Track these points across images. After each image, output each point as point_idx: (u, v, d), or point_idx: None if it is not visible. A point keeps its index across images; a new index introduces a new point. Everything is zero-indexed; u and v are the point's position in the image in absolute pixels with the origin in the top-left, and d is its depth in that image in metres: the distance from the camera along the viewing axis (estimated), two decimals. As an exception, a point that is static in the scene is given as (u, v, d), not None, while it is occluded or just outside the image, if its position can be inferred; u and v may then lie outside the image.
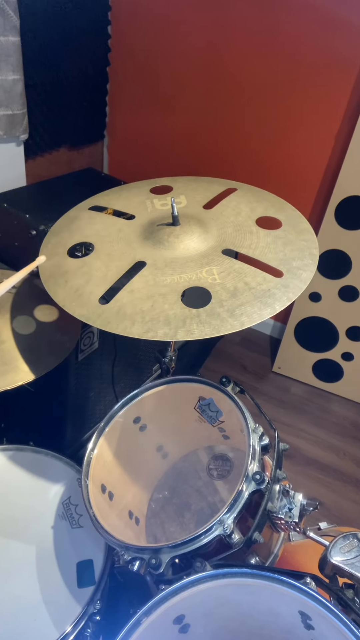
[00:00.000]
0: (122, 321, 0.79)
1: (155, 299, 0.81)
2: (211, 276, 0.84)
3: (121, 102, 2.13)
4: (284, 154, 1.89)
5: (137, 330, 0.77)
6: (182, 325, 0.76)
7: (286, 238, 0.94)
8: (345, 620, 0.56)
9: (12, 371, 0.95)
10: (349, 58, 1.63)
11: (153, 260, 0.88)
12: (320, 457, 1.80)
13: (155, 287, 0.83)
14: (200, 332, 0.75)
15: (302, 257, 0.90)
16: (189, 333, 0.75)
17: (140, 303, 0.81)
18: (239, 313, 0.77)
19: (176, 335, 0.75)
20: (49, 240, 0.99)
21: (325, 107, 1.74)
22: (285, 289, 0.82)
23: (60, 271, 0.90)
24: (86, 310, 0.82)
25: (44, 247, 0.98)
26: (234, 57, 1.82)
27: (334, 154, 1.80)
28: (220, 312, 0.78)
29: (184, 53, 1.90)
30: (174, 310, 0.79)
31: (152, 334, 0.76)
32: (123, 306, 0.81)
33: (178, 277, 0.84)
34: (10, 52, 1.42)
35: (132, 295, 0.82)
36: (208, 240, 0.91)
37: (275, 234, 0.95)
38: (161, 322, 0.77)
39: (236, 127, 1.94)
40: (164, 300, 0.81)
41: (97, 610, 0.76)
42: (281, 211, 1.01)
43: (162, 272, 0.86)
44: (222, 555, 0.72)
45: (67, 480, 0.95)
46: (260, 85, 1.81)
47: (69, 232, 0.99)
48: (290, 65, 1.73)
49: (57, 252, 0.95)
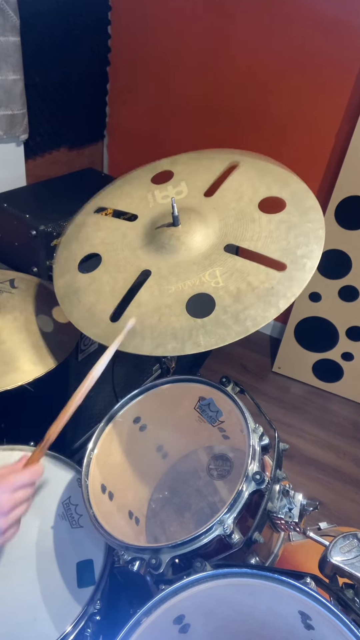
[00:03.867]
0: (133, 339, 0.82)
1: (162, 312, 0.83)
2: (214, 279, 0.84)
3: (121, 102, 2.13)
4: (284, 154, 1.89)
5: (148, 347, 0.80)
6: (188, 338, 0.78)
7: (290, 222, 0.89)
8: (345, 620, 0.56)
9: (12, 371, 0.95)
10: (349, 58, 1.63)
11: (157, 267, 0.90)
12: (320, 457, 1.80)
13: (161, 297, 0.85)
14: (206, 343, 0.77)
15: (306, 243, 0.85)
16: (196, 346, 0.77)
17: (148, 318, 0.83)
18: (243, 318, 0.78)
19: (184, 349, 0.77)
20: (61, 255, 1.02)
21: (325, 107, 1.74)
22: (289, 282, 0.81)
23: (73, 289, 0.94)
24: (98, 329, 0.86)
25: (57, 264, 1.00)
26: (234, 57, 1.82)
27: (334, 154, 1.80)
28: (224, 319, 0.78)
29: (184, 53, 1.91)
30: (180, 322, 0.81)
31: (162, 349, 0.79)
32: None
33: (182, 285, 0.86)
34: (10, 52, 1.42)
35: (139, 310, 0.85)
36: (210, 236, 0.91)
37: (278, 218, 0.90)
38: (169, 336, 0.80)
39: (236, 126, 1.94)
40: (170, 312, 0.83)
41: (97, 610, 0.76)
42: (285, 187, 0.96)
43: (166, 281, 0.87)
44: (222, 555, 0.72)
45: (67, 480, 0.95)
46: (261, 85, 1.81)
47: (78, 242, 1.01)
48: (290, 65, 1.73)
49: (68, 268, 0.98)
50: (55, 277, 0.98)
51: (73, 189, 1.59)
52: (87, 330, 0.87)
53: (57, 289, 0.96)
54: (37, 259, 1.33)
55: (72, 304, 0.92)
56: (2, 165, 1.61)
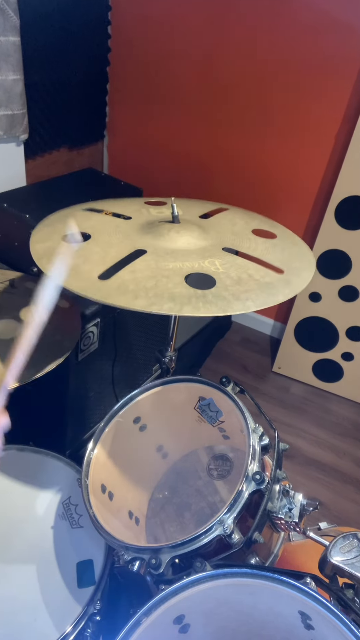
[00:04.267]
0: (124, 295, 0.74)
1: (159, 279, 0.77)
2: (214, 266, 0.82)
3: (121, 102, 2.13)
4: (284, 154, 1.89)
5: (141, 303, 0.72)
6: (187, 303, 0.73)
7: (283, 245, 0.96)
8: (345, 620, 0.56)
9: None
10: (349, 58, 1.63)
11: (154, 249, 0.85)
12: (320, 457, 1.80)
13: (158, 270, 0.80)
14: (206, 309, 0.72)
15: (300, 260, 0.91)
16: (195, 309, 0.72)
17: (143, 281, 0.76)
18: (245, 298, 0.75)
19: (182, 310, 0.71)
20: (41, 229, 0.94)
21: (325, 107, 1.74)
22: (287, 284, 0.82)
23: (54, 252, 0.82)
24: (84, 284, 0.77)
25: (36, 233, 0.92)
26: (234, 57, 1.82)
27: (334, 154, 1.80)
28: (225, 295, 0.75)
29: (183, 53, 1.90)
30: (179, 289, 0.75)
31: (157, 307, 0.72)
32: (124, 282, 0.76)
33: (181, 264, 0.81)
34: (10, 52, 1.42)
35: (134, 274, 0.78)
36: (208, 239, 0.91)
37: (272, 242, 0.96)
38: (166, 298, 0.73)
39: (236, 126, 1.93)
40: (168, 280, 0.77)
41: (97, 610, 0.76)
42: (273, 227, 1.04)
43: (163, 259, 0.82)
44: (222, 555, 0.72)
45: (67, 480, 0.95)
46: (260, 85, 1.81)
47: (63, 224, 0.94)
48: (290, 65, 1.73)
49: (50, 238, 0.90)
50: (33, 244, 0.89)
51: (73, 189, 1.59)
52: (70, 284, 0.76)
53: (35, 251, 0.86)
54: (37, 259, 1.33)
55: (50, 263, 0.80)
56: (2, 165, 1.61)
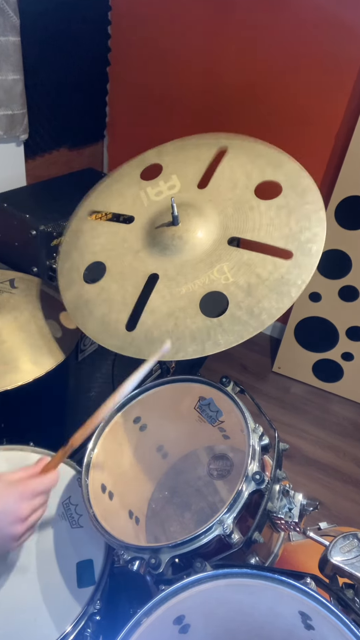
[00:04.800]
0: (152, 345, 0.81)
1: (177, 316, 0.83)
2: (223, 275, 0.84)
3: (121, 102, 2.13)
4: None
5: (169, 353, 0.79)
6: (207, 339, 0.78)
7: (289, 206, 0.87)
8: (345, 620, 0.56)
9: (12, 371, 0.95)
10: (349, 58, 1.63)
11: (164, 270, 0.89)
12: (320, 457, 1.80)
13: (173, 301, 0.84)
14: (225, 341, 0.77)
15: (309, 227, 0.84)
16: (216, 345, 0.77)
17: (164, 323, 0.83)
18: (258, 312, 0.77)
19: (204, 350, 0.77)
20: (63, 266, 1.00)
21: (325, 107, 1.74)
22: (298, 270, 0.81)
23: (82, 301, 0.93)
24: (117, 340, 0.86)
25: (61, 277, 0.98)
26: (234, 57, 1.82)
27: (334, 154, 1.80)
28: (240, 315, 0.78)
29: (183, 53, 1.91)
30: (197, 323, 0.80)
31: (183, 354, 0.78)
32: (149, 330, 0.83)
33: (192, 285, 0.85)
34: (10, 52, 1.42)
35: (154, 315, 0.84)
36: (211, 231, 0.91)
37: (277, 204, 0.89)
38: (188, 339, 0.79)
39: (236, 126, 1.93)
40: (185, 314, 0.82)
41: (97, 610, 0.76)
42: (278, 168, 0.94)
43: (175, 283, 0.87)
44: (222, 555, 0.72)
45: (67, 480, 0.95)
46: (260, 84, 1.81)
47: (78, 251, 1.00)
48: (290, 64, 1.73)
49: (73, 279, 0.96)
50: (62, 290, 0.96)
51: (73, 189, 1.58)
52: (105, 342, 0.87)
53: (67, 302, 0.95)
54: (37, 259, 1.33)
55: (84, 316, 0.91)
56: (2, 165, 1.61)
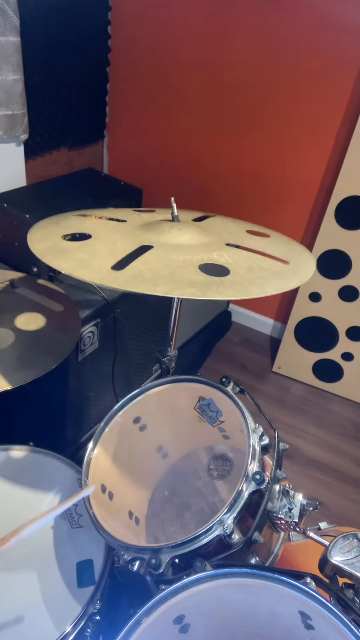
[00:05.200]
0: (142, 283, 0.72)
1: (173, 269, 0.76)
2: (223, 258, 0.83)
3: (121, 102, 2.13)
4: (284, 154, 1.89)
5: (162, 289, 0.71)
6: (207, 288, 0.72)
7: (279, 243, 0.97)
8: (345, 620, 0.56)
9: (12, 371, 0.95)
10: (349, 58, 1.63)
11: (159, 244, 0.84)
12: (320, 457, 1.80)
13: (169, 261, 0.78)
14: (227, 293, 0.72)
15: (300, 254, 0.93)
16: (217, 293, 0.71)
17: (159, 271, 0.75)
18: (261, 283, 0.76)
19: (204, 294, 0.71)
20: (36, 232, 0.90)
21: (325, 107, 1.74)
22: (295, 272, 0.83)
23: (58, 249, 0.82)
24: (98, 275, 0.74)
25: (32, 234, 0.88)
26: (234, 57, 1.82)
27: (334, 154, 1.80)
28: (241, 281, 0.76)
29: (183, 53, 1.91)
30: (196, 277, 0.75)
31: (179, 292, 0.71)
32: (140, 272, 0.75)
33: (190, 257, 0.81)
34: (10, 52, 1.42)
35: (147, 265, 0.77)
36: (209, 236, 0.92)
37: (268, 240, 0.97)
38: (186, 284, 0.72)
39: (236, 126, 1.94)
40: (183, 270, 0.76)
41: (97, 610, 0.76)
42: (266, 230, 1.06)
43: (172, 253, 0.81)
44: (222, 555, 0.72)
45: (67, 480, 0.95)
46: (261, 85, 1.81)
47: (58, 227, 0.91)
48: (290, 64, 1.73)
49: (50, 237, 0.86)
50: (32, 243, 0.84)
51: (73, 189, 1.58)
52: (83, 276, 0.74)
53: (37, 250, 0.82)
54: (37, 259, 1.32)
55: (58, 258, 0.79)
56: (2, 165, 1.61)
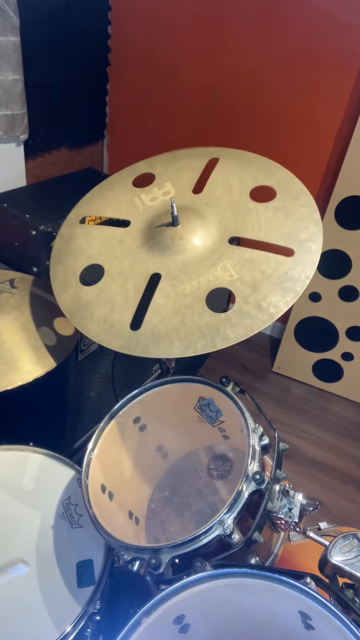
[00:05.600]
0: (160, 344, 0.78)
1: (184, 312, 0.81)
2: (227, 272, 0.83)
3: (121, 102, 2.13)
4: (284, 154, 1.89)
5: (178, 349, 0.77)
6: (217, 334, 0.76)
7: (285, 208, 0.91)
8: (345, 620, 0.56)
9: (12, 371, 0.95)
10: (349, 58, 1.63)
11: (167, 269, 0.88)
12: (320, 457, 1.80)
13: (178, 299, 0.83)
14: (235, 335, 0.75)
15: (306, 227, 0.87)
16: (226, 340, 0.75)
17: (171, 320, 0.81)
18: (266, 306, 0.77)
19: (215, 345, 0.75)
20: (57, 270, 0.96)
21: (325, 107, 1.74)
22: (301, 266, 0.82)
23: (82, 303, 0.89)
24: (122, 340, 0.82)
25: (55, 281, 0.94)
26: (234, 57, 1.82)
27: (334, 154, 1.80)
28: (247, 309, 0.77)
29: (183, 53, 1.90)
30: (204, 319, 0.79)
31: (193, 349, 0.76)
32: (155, 328, 0.81)
33: (197, 283, 0.84)
34: (10, 52, 1.42)
35: (160, 313, 0.82)
36: (211, 232, 0.91)
37: (273, 206, 0.92)
38: (197, 335, 0.77)
39: (236, 126, 1.94)
40: (192, 311, 0.81)
41: (97, 610, 0.76)
42: (270, 175, 0.98)
43: (179, 281, 0.85)
44: (222, 555, 0.72)
45: (67, 480, 0.95)
46: (261, 85, 1.81)
47: (72, 255, 0.96)
48: (290, 64, 1.73)
49: (69, 282, 0.92)
50: (58, 294, 0.92)
51: (73, 189, 1.58)
52: (109, 343, 0.83)
53: (64, 305, 0.90)
54: (37, 259, 1.33)
55: (84, 319, 0.87)
56: (2, 165, 1.61)
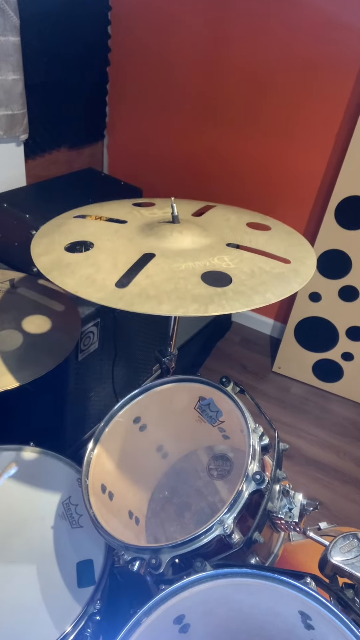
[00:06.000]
0: (147, 301, 0.73)
1: (177, 281, 0.77)
2: (224, 262, 0.83)
3: (121, 102, 2.13)
4: (284, 154, 1.89)
5: (166, 307, 0.72)
6: (211, 302, 0.73)
7: (279, 237, 0.96)
8: (345, 620, 0.56)
9: (12, 371, 0.95)
10: (349, 58, 1.63)
11: (161, 251, 0.84)
12: (320, 457, 1.80)
13: (172, 272, 0.79)
14: (231, 306, 0.72)
15: (301, 250, 0.92)
16: (220, 307, 0.72)
17: (162, 285, 0.76)
18: (263, 290, 0.76)
19: (207, 309, 0.71)
20: (40, 242, 0.91)
21: (325, 107, 1.74)
22: (296, 273, 0.83)
23: (63, 264, 0.83)
24: (104, 294, 0.75)
25: (35, 247, 0.89)
26: (234, 57, 1.82)
27: (334, 154, 1.80)
28: (244, 290, 0.76)
29: (183, 53, 1.90)
30: (199, 289, 0.76)
31: (183, 310, 0.71)
32: (144, 288, 0.75)
33: (192, 264, 0.81)
34: (10, 52, 1.42)
35: (151, 279, 0.77)
36: (210, 236, 0.92)
37: (269, 234, 0.97)
38: (189, 300, 0.73)
39: (236, 126, 1.93)
40: (186, 281, 0.77)
41: (97, 610, 0.76)
42: (264, 220, 1.06)
43: (174, 261, 0.82)
44: (222, 555, 0.72)
45: (67, 480, 0.95)
46: (261, 84, 1.81)
47: (60, 234, 0.93)
48: (290, 64, 1.73)
49: (53, 249, 0.87)
50: (36, 257, 0.86)
51: (73, 189, 1.58)
52: (89, 295, 0.75)
53: (42, 265, 0.83)
54: (37, 259, 1.33)
55: (63, 274, 0.80)
56: (2, 165, 1.61)
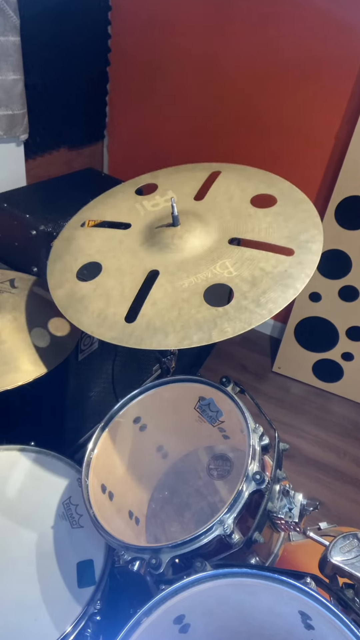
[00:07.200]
0: (155, 335, 0.77)
1: (180, 306, 0.80)
2: (226, 270, 0.83)
3: (121, 102, 2.13)
4: (284, 154, 1.89)
5: (172, 341, 0.76)
6: (214, 327, 0.75)
7: (285, 213, 0.93)
8: (345, 620, 0.56)
9: (12, 371, 0.95)
10: (349, 58, 1.63)
11: (164, 266, 0.88)
12: (320, 457, 1.80)
13: (175, 293, 0.82)
14: (233, 329, 0.74)
15: (306, 229, 0.89)
16: (222, 333, 0.74)
17: (167, 313, 0.80)
18: (264, 301, 0.77)
19: (211, 337, 0.74)
20: (54, 267, 0.97)
21: (325, 107, 1.74)
22: (301, 265, 0.82)
23: (77, 298, 0.89)
24: (116, 332, 0.81)
25: (51, 277, 0.95)
26: (234, 57, 1.82)
27: (334, 154, 1.80)
28: (246, 304, 0.77)
29: (183, 53, 1.90)
30: (202, 313, 0.78)
31: (188, 341, 0.75)
32: (151, 320, 0.80)
33: (195, 279, 0.83)
34: (10, 52, 1.42)
35: (156, 307, 0.82)
36: (211, 233, 0.91)
37: (273, 211, 0.93)
38: (193, 328, 0.76)
39: (236, 126, 1.93)
40: (189, 305, 0.80)
41: (97, 610, 0.76)
42: (271, 185, 1.00)
43: (177, 277, 0.85)
44: (222, 555, 0.72)
45: (67, 480, 0.95)
46: (260, 85, 1.81)
47: (70, 254, 0.97)
48: (290, 64, 1.73)
49: (66, 278, 0.93)
50: (52, 290, 0.93)
51: (73, 189, 1.58)
52: (102, 335, 0.81)
53: (58, 300, 0.90)
54: (37, 259, 1.33)
55: (78, 312, 0.87)
56: (2, 165, 1.61)
